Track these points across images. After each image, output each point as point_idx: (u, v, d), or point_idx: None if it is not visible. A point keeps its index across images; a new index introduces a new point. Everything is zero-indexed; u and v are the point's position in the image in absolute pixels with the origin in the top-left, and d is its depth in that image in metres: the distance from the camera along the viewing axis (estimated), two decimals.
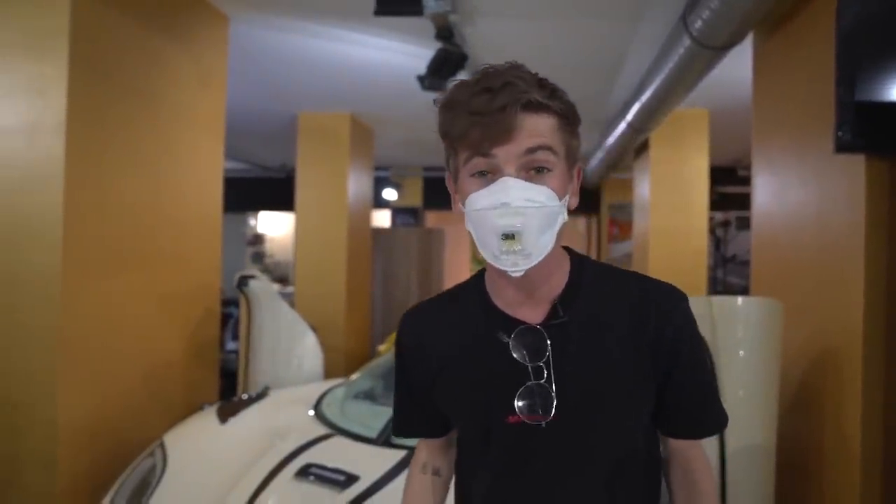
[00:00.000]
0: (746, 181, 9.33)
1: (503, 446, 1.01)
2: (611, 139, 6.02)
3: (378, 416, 2.67)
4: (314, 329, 3.95)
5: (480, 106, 0.89)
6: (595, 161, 7.58)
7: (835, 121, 2.09)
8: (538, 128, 0.92)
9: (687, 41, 3.07)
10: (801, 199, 2.66)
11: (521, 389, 0.97)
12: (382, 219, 10.32)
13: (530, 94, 0.91)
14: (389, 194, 9.81)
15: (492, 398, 1.00)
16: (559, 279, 1.02)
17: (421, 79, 3.61)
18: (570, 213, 1.01)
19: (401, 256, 8.42)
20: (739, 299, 2.31)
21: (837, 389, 2.29)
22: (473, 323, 1.04)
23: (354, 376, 3.37)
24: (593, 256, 10.98)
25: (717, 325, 2.21)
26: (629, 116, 4.95)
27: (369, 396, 3.24)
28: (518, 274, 0.91)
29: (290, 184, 6.59)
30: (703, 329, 2.13)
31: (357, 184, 6.65)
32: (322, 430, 2.58)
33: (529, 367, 0.97)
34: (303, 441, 2.45)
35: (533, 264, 0.91)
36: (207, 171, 3.55)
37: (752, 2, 2.57)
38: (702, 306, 2.19)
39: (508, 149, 0.90)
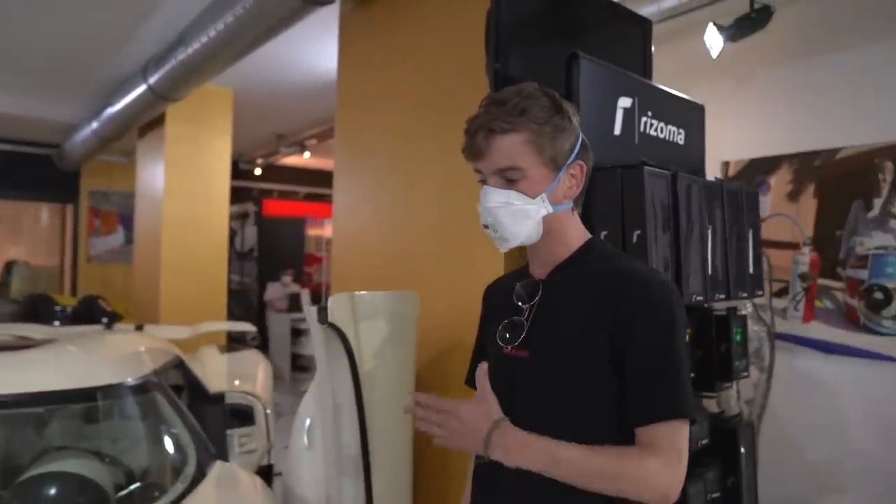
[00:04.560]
0: (248, 175, 9.33)
1: (498, 373, 1.19)
2: (118, 106, 4.91)
3: None
4: None
5: (465, 129, 1.19)
6: (83, 135, 6.16)
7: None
8: (502, 149, 1.16)
9: None
10: None
11: (505, 321, 1.25)
12: None
13: (495, 121, 1.15)
14: None
15: (496, 332, 1.26)
16: (563, 252, 1.24)
17: None
18: None
19: None
20: (381, 294, 1.93)
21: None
22: (513, 281, 1.31)
23: None
24: (68, 252, 9.18)
25: (360, 322, 1.86)
26: (154, 77, 4.04)
27: None
28: (504, 250, 1.23)
29: None
30: (347, 327, 1.70)
31: None
32: None
33: (522, 308, 1.23)
34: None
35: (513, 245, 1.21)
36: None
37: None
38: (345, 303, 1.80)
39: (484, 164, 1.18)
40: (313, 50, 4.58)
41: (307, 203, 10.30)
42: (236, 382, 3.60)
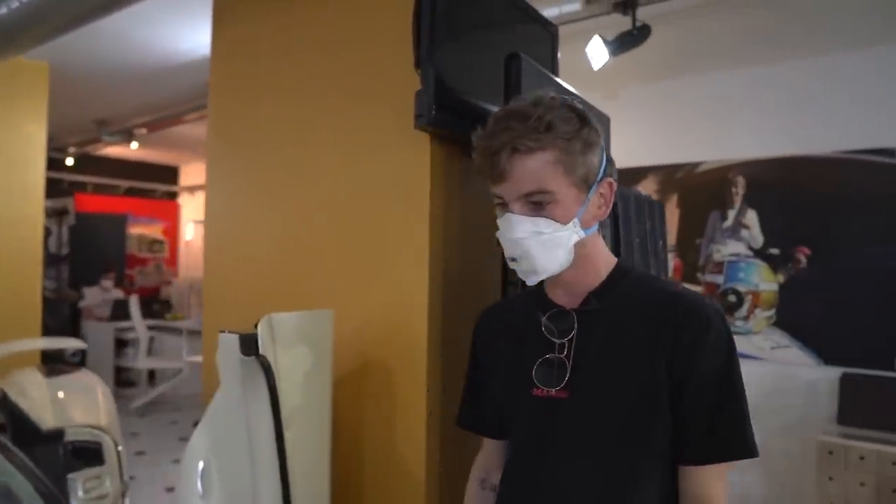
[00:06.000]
0: (58, 165, 8.17)
1: (527, 419, 1.11)
2: None
3: None
4: None
5: (482, 147, 1.05)
6: None
7: (425, 93, 1.71)
8: (529, 171, 1.02)
9: None
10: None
11: (540, 360, 1.10)
12: None
13: (519, 139, 1.01)
14: None
15: (522, 370, 1.11)
16: (594, 278, 1.11)
17: None
18: None
19: None
20: (296, 314, 1.68)
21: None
22: (527, 308, 1.16)
23: None
24: None
25: (278, 349, 1.62)
26: None
27: None
28: (532, 283, 1.10)
29: None
30: (266, 350, 1.56)
31: None
32: None
33: (556, 343, 1.09)
34: None
35: (542, 277, 1.08)
36: None
37: None
38: (266, 329, 1.55)
39: (507, 188, 1.04)
40: (156, 24, 4.06)
41: (128, 198, 9.30)
42: (71, 412, 3.06)
